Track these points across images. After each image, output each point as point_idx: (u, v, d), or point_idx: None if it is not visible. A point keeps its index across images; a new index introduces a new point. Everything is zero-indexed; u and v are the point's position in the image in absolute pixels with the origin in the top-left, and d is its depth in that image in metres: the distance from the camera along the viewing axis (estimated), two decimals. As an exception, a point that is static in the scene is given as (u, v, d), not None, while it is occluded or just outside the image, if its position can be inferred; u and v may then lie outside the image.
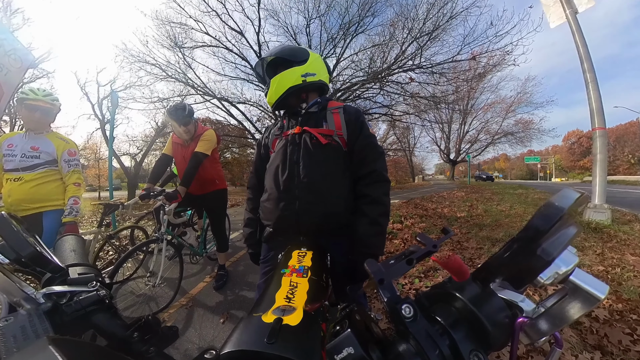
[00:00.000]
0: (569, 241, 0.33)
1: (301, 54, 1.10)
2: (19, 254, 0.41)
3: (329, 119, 1.06)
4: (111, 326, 0.45)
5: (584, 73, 4.69)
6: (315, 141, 1.02)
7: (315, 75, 1.09)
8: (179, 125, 2.34)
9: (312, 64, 1.09)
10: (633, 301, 2.01)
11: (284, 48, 1.13)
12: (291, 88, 1.06)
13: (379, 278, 0.39)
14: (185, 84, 10.16)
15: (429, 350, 0.33)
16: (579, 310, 0.33)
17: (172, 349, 1.72)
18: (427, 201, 8.95)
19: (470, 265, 2.93)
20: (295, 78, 1.06)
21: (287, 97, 1.09)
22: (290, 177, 1.01)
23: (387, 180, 1.04)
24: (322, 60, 1.16)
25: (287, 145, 1.06)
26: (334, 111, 1.08)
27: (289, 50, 1.12)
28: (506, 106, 31.64)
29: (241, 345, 0.39)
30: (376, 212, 0.99)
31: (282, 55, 1.11)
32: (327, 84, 1.17)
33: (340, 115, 1.06)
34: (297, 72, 1.06)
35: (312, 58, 1.10)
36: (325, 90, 1.19)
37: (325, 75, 1.15)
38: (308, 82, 1.07)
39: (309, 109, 1.11)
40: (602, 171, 4.42)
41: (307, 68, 1.07)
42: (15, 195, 1.86)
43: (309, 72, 1.07)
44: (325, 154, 1.02)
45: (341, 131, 1.04)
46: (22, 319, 0.38)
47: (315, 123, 1.06)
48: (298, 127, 1.06)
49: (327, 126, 1.05)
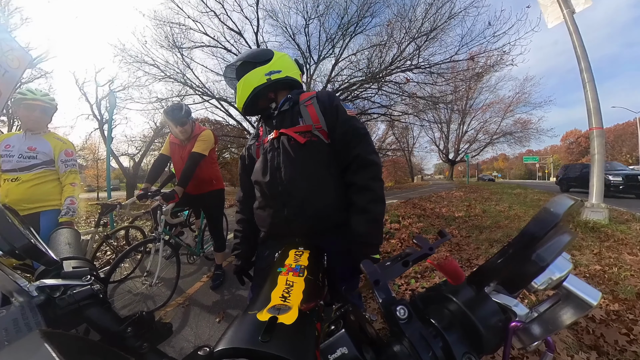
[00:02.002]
0: (563, 248, 0.33)
1: (264, 54, 1.07)
2: (13, 245, 0.40)
3: (304, 114, 1.01)
4: (105, 321, 0.45)
5: (581, 73, 4.72)
6: (293, 142, 0.98)
7: (281, 72, 1.05)
8: (176, 126, 2.34)
9: (276, 62, 1.06)
10: (630, 301, 2.02)
11: (248, 52, 1.11)
12: (256, 88, 1.03)
13: (375, 279, 0.40)
14: (183, 84, 10.12)
15: (422, 352, 0.33)
16: (572, 316, 0.33)
17: (168, 346, 1.73)
18: (426, 201, 8.97)
19: (467, 266, 2.94)
20: (259, 78, 1.02)
21: (254, 99, 1.05)
22: (273, 184, 0.99)
23: (374, 163, 0.96)
24: (288, 58, 1.12)
25: (267, 152, 1.03)
26: (307, 103, 1.02)
27: (252, 53, 1.10)
28: (505, 106, 31.72)
29: (235, 342, 0.39)
30: (365, 199, 0.93)
31: (245, 59, 1.09)
32: (296, 80, 1.11)
33: (315, 106, 1.01)
34: (261, 72, 1.03)
35: (276, 57, 1.07)
36: (296, 87, 1.14)
37: (293, 72, 1.10)
38: (273, 79, 1.03)
39: (280, 108, 1.06)
40: (599, 171, 4.45)
41: (271, 66, 1.04)
42: (12, 196, 1.87)
43: (273, 70, 1.04)
44: (306, 154, 0.97)
45: (319, 123, 0.99)
46: (14, 312, 0.37)
47: (290, 122, 1.02)
48: (275, 131, 1.03)
49: (304, 122, 1.00)
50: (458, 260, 3.11)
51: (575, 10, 4.72)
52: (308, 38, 10.64)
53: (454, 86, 11.03)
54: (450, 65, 9.85)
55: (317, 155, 0.98)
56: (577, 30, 4.70)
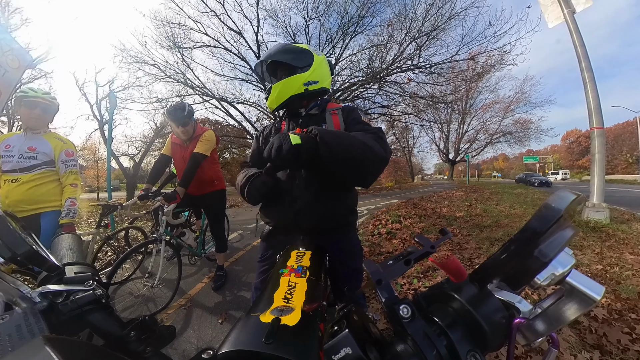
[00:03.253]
0: (565, 243, 0.33)
1: (305, 58, 1.07)
2: (15, 252, 0.41)
3: (328, 121, 1.08)
4: (107, 325, 0.45)
5: (581, 72, 4.71)
6: None
7: (318, 83, 1.07)
8: (177, 126, 2.33)
9: (316, 70, 1.06)
10: (632, 300, 2.02)
11: (286, 50, 1.07)
12: (292, 96, 1.06)
13: (377, 279, 0.40)
14: (184, 85, 10.16)
15: (426, 351, 0.33)
16: (576, 311, 0.33)
17: (171, 349, 1.72)
18: (426, 201, 8.96)
19: (469, 265, 2.94)
20: (298, 87, 1.04)
21: (287, 104, 1.10)
22: (291, 177, 1.03)
23: (380, 138, 0.92)
24: (326, 63, 1.14)
25: None
26: (332, 112, 1.09)
27: (292, 53, 1.07)
28: (505, 106, 31.81)
29: (239, 345, 0.39)
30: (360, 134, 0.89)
31: (284, 60, 1.07)
32: (329, 89, 1.17)
33: (339, 117, 1.08)
34: (300, 81, 1.04)
35: (315, 63, 1.07)
36: (326, 93, 1.19)
37: (327, 80, 1.14)
38: (310, 90, 1.06)
39: (309, 111, 1.12)
40: (600, 170, 4.44)
41: (311, 76, 1.05)
42: (12, 197, 1.85)
43: (312, 81, 1.05)
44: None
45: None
46: (17, 318, 0.37)
47: (315, 125, 1.06)
48: (299, 129, 1.05)
49: (327, 127, 1.06)
50: (459, 259, 3.10)
51: (576, 10, 4.72)
52: (308, 38, 10.68)
53: (455, 86, 11.05)
54: (451, 65, 9.89)
55: None
56: (577, 29, 4.70)
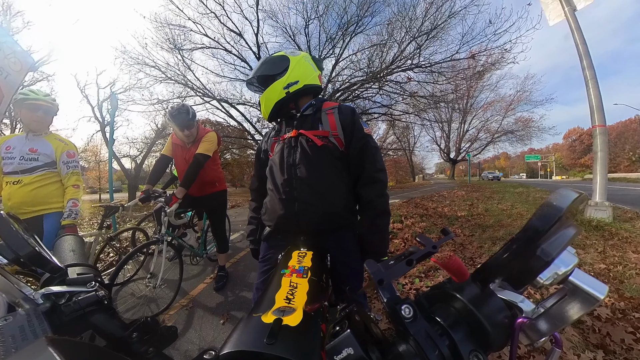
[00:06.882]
0: (568, 242, 0.33)
1: (279, 64, 1.09)
2: (18, 254, 0.41)
3: (324, 120, 1.08)
4: (110, 326, 0.45)
5: (583, 70, 4.69)
6: (311, 144, 1.04)
7: (298, 82, 1.08)
8: (182, 130, 2.31)
9: (293, 71, 1.08)
10: (635, 299, 2.00)
11: (262, 64, 1.13)
12: (277, 103, 1.09)
13: (379, 279, 0.39)
14: (184, 86, 10.17)
15: (428, 351, 0.33)
16: (579, 310, 0.33)
17: (173, 349, 1.72)
18: (428, 200, 8.94)
19: (470, 265, 2.93)
20: (279, 92, 1.07)
21: (277, 110, 1.12)
22: (288, 179, 1.04)
23: (380, 181, 1.05)
24: (304, 62, 1.12)
25: (284, 148, 1.08)
26: (328, 112, 1.10)
27: (267, 65, 1.12)
28: (506, 104, 31.68)
29: (240, 345, 0.39)
30: (371, 214, 1.04)
31: (260, 73, 1.13)
32: (315, 85, 1.14)
33: (335, 116, 1.08)
34: (279, 87, 1.07)
35: (291, 65, 1.08)
36: (316, 90, 1.17)
37: (310, 77, 1.12)
38: (292, 92, 1.07)
39: (303, 112, 1.12)
40: (602, 169, 4.42)
41: (288, 78, 1.07)
42: (15, 199, 1.86)
43: (291, 82, 1.07)
44: (322, 156, 1.04)
45: (337, 132, 1.06)
46: (20, 319, 0.38)
47: (310, 125, 1.08)
48: (294, 131, 1.08)
49: (323, 127, 1.07)
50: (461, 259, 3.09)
51: (577, 8, 4.70)
52: (308, 38, 10.66)
53: (455, 85, 11.01)
54: (451, 64, 9.84)
55: (331, 159, 1.05)
56: (578, 27, 4.68)
